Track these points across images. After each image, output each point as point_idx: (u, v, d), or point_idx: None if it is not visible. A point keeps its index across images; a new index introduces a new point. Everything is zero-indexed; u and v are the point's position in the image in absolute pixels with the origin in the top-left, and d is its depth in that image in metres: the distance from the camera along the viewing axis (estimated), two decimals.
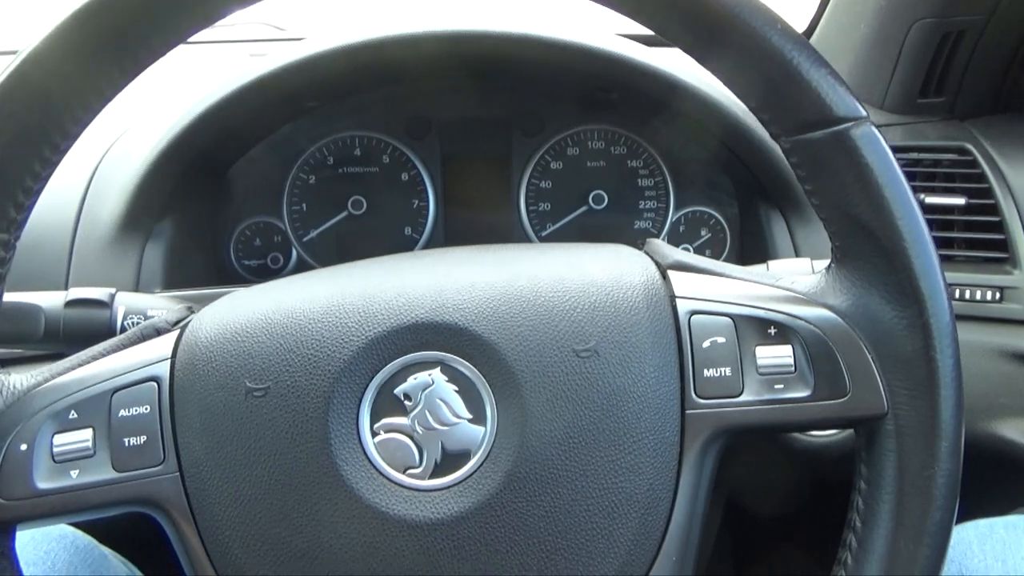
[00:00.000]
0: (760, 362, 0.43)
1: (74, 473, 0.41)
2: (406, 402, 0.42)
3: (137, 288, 0.69)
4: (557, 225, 0.83)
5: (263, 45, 1.07)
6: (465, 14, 0.72)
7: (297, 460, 0.41)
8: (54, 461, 0.41)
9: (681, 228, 0.83)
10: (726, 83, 0.42)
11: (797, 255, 0.73)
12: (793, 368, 0.42)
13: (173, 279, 0.72)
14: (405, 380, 0.42)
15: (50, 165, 0.41)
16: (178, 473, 0.42)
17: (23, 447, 0.41)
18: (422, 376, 0.42)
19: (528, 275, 0.45)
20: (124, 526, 0.55)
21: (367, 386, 0.42)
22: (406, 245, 0.83)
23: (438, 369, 0.42)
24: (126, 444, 0.42)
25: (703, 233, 0.83)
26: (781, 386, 0.42)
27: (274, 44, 1.08)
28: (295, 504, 0.41)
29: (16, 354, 0.60)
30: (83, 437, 0.42)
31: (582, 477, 0.41)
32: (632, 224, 0.83)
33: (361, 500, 0.40)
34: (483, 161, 0.84)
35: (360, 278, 0.46)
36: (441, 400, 0.42)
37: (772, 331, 0.43)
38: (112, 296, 0.54)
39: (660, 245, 0.50)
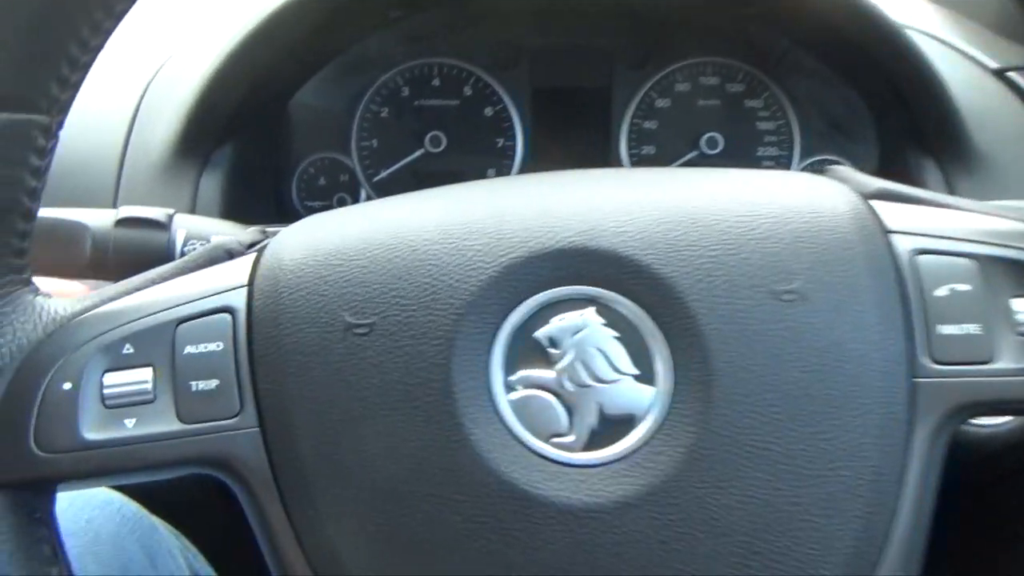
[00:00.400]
0: (1020, 319, 0.32)
1: (129, 422, 0.32)
2: (551, 350, 0.32)
3: None
4: (651, 167, 0.73)
5: None
6: None
7: (411, 419, 0.32)
8: (105, 406, 0.32)
9: None
10: None
11: None
12: None
13: (231, 215, 0.63)
14: (548, 322, 0.33)
15: (101, 33, 0.32)
16: (258, 428, 0.33)
17: (66, 386, 0.32)
18: (572, 317, 0.33)
19: (705, 195, 0.35)
20: (175, 489, 0.46)
21: (500, 326, 0.32)
22: None
23: (592, 309, 0.33)
24: (193, 388, 0.33)
25: None
26: None
27: None
28: (407, 473, 0.32)
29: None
30: (141, 377, 0.33)
31: (787, 458, 0.31)
32: None
33: (494, 473, 0.31)
34: (579, 96, 0.73)
35: (486, 195, 0.36)
36: (597, 349, 0.32)
37: None
38: (170, 217, 0.45)
39: (850, 172, 0.40)
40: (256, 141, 0.69)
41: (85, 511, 0.44)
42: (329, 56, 0.69)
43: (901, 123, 0.65)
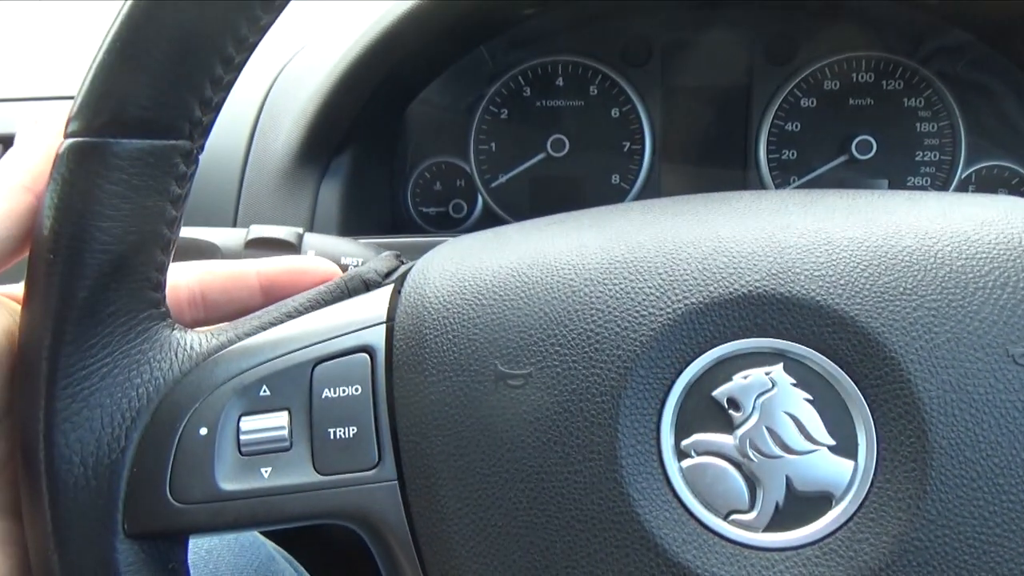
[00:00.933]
0: None
1: (265, 471, 0.30)
2: (732, 412, 0.28)
3: (312, 230, 0.59)
4: (805, 179, 0.67)
5: None
6: None
7: (570, 484, 0.28)
8: (240, 453, 0.30)
9: (971, 189, 0.64)
10: None
11: None
12: None
13: (349, 224, 0.61)
14: (730, 379, 0.28)
15: (246, 48, 0.30)
16: (397, 482, 0.30)
17: (203, 432, 0.30)
18: (756, 375, 0.28)
19: (914, 231, 0.30)
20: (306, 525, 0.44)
21: (673, 383, 0.28)
22: (614, 197, 0.69)
23: (781, 366, 0.28)
24: (331, 436, 0.31)
25: None
26: None
27: None
28: (563, 546, 0.28)
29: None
30: (277, 423, 0.31)
31: (1021, 559, 0.26)
32: (904, 182, 0.65)
33: (661, 552, 0.27)
34: (714, 95, 0.68)
35: (654, 224, 0.32)
36: (787, 414, 0.28)
37: None
38: (300, 237, 0.43)
39: None
40: (374, 147, 0.67)
41: (204, 541, 0.43)
42: (453, 58, 0.66)
43: None
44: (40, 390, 0.29)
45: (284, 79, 0.64)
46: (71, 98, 0.29)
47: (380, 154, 0.68)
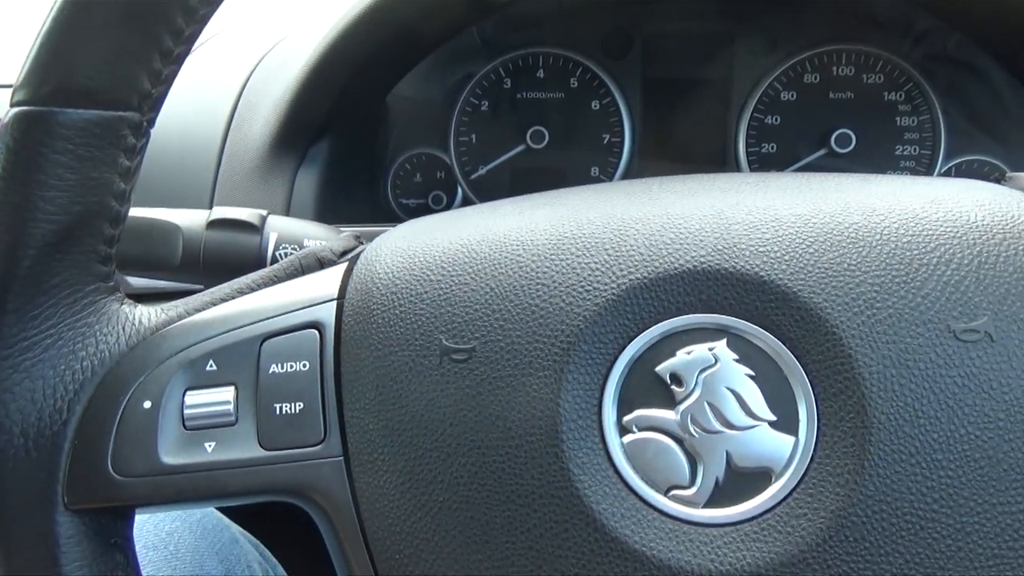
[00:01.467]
0: None
1: (209, 446, 0.30)
2: (674, 388, 0.28)
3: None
4: (787, 172, 0.66)
5: None
6: None
7: (511, 459, 0.28)
8: (184, 427, 0.30)
9: None
10: None
11: None
12: None
13: (326, 213, 0.61)
14: (673, 355, 0.28)
15: (196, 20, 0.30)
16: (342, 458, 0.30)
17: (147, 405, 0.30)
18: (699, 351, 0.28)
19: (866, 207, 0.29)
20: (263, 504, 0.44)
21: (616, 358, 0.28)
22: None
23: (723, 342, 0.28)
24: (277, 412, 0.30)
25: None
26: None
27: None
28: (505, 521, 0.28)
29: (145, 288, 0.50)
30: (223, 398, 0.31)
31: (959, 533, 0.25)
32: (885, 174, 0.65)
33: (601, 528, 0.27)
34: (694, 87, 0.68)
35: (601, 203, 0.32)
36: (728, 389, 0.28)
37: None
38: (263, 219, 0.43)
39: None
40: (353, 136, 0.67)
41: (166, 523, 0.43)
42: (431, 46, 0.66)
43: None
44: None
45: (263, 68, 0.64)
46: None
47: (359, 144, 0.68)
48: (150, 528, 0.41)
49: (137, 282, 0.35)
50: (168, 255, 0.41)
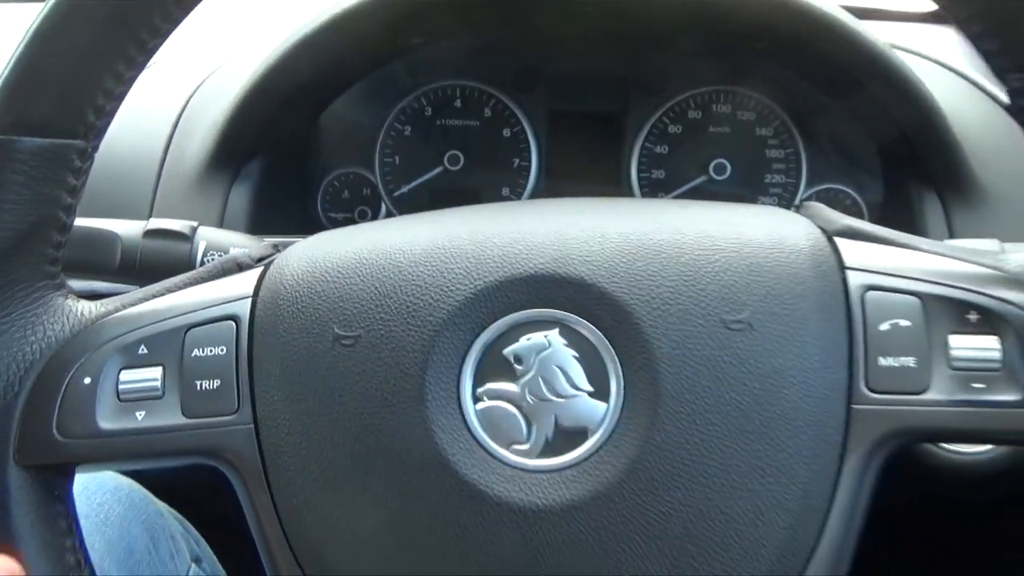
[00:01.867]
0: (954, 354, 0.34)
1: (140, 415, 0.37)
2: (516, 366, 0.35)
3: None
4: (671, 196, 0.75)
5: None
6: None
7: (387, 421, 0.35)
8: (119, 399, 0.37)
9: None
10: (947, 5, 0.34)
11: None
12: (999, 365, 0.34)
13: (258, 225, 0.68)
14: (517, 340, 0.36)
15: (135, 66, 0.36)
16: (252, 425, 0.37)
17: (87, 381, 0.37)
18: (537, 337, 0.36)
19: (670, 228, 0.38)
20: (180, 478, 0.50)
21: (472, 343, 0.36)
22: None
23: (556, 331, 0.36)
24: (198, 387, 0.37)
25: None
26: (982, 385, 0.34)
27: None
28: (381, 470, 0.35)
29: (88, 290, 0.57)
30: (152, 375, 0.37)
31: (722, 472, 0.33)
32: (756, 199, 0.75)
33: (457, 475, 0.34)
34: (593, 120, 0.76)
35: (469, 221, 0.40)
36: (558, 367, 0.35)
37: (972, 317, 0.35)
38: (194, 229, 0.49)
39: (822, 208, 0.42)
40: (285, 155, 0.73)
41: (97, 495, 0.48)
42: (358, 76, 0.73)
43: (904, 155, 0.67)
44: None
45: (201, 93, 0.70)
46: None
47: (290, 162, 0.75)
48: (84, 499, 0.47)
49: (77, 285, 0.41)
50: (108, 260, 0.48)
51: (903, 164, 0.68)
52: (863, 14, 0.67)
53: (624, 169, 0.76)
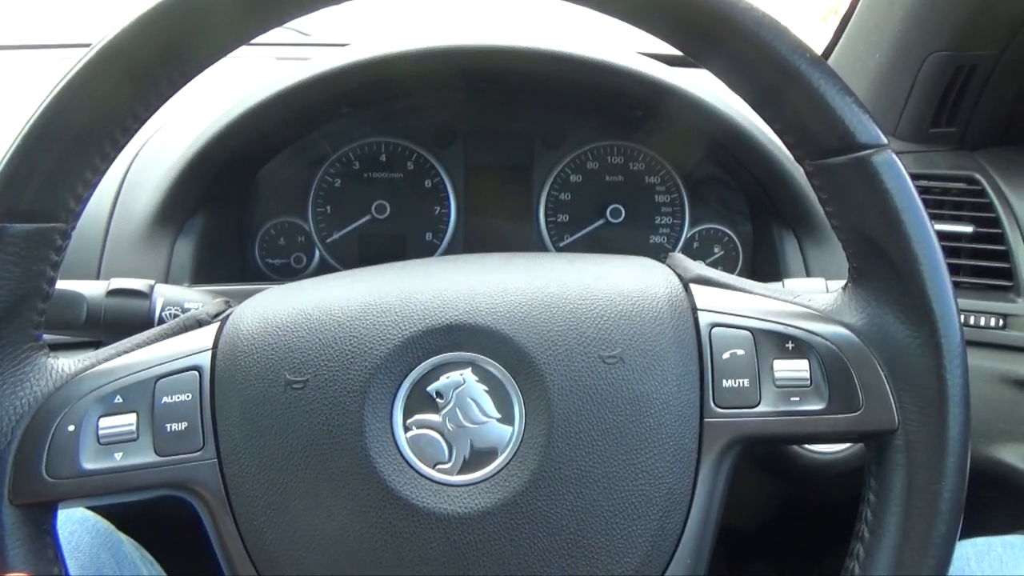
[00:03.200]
0: (777, 375, 0.45)
1: (118, 455, 0.43)
2: (438, 400, 0.44)
3: (167, 281, 0.71)
4: (575, 236, 0.85)
5: (289, 49, 1.09)
6: (493, 28, 0.75)
7: (332, 451, 0.43)
8: (99, 443, 0.43)
9: (695, 244, 0.85)
10: (753, 107, 0.44)
11: (808, 275, 0.75)
12: (809, 382, 0.44)
13: (201, 274, 0.74)
14: (438, 378, 0.44)
15: (108, 160, 0.43)
16: (216, 459, 0.44)
17: (70, 428, 0.43)
18: (454, 375, 0.44)
19: (558, 282, 0.47)
20: (140, 514, 0.57)
21: (401, 383, 0.44)
22: (426, 250, 0.85)
23: (469, 369, 0.44)
24: (168, 430, 0.44)
25: (716, 250, 0.85)
26: (797, 399, 0.44)
27: (301, 49, 1.11)
28: (328, 493, 0.43)
29: (58, 340, 0.62)
30: (127, 421, 0.44)
31: (604, 478, 0.42)
32: (648, 239, 0.85)
33: (392, 492, 0.42)
34: (505, 171, 0.86)
35: (396, 279, 0.48)
36: (472, 399, 0.44)
37: (790, 345, 0.45)
38: (151, 287, 0.56)
39: (682, 259, 0.52)
40: (225, 208, 0.80)
41: (67, 526, 0.54)
42: (292, 140, 0.81)
43: (764, 201, 0.79)
44: None
45: (144, 154, 0.76)
46: None
47: (229, 215, 0.81)
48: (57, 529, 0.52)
49: (49, 337, 0.47)
50: (75, 317, 0.54)
51: (765, 208, 0.80)
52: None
53: (533, 214, 0.85)
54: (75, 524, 0.55)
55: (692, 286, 0.48)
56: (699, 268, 0.50)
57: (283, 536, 0.43)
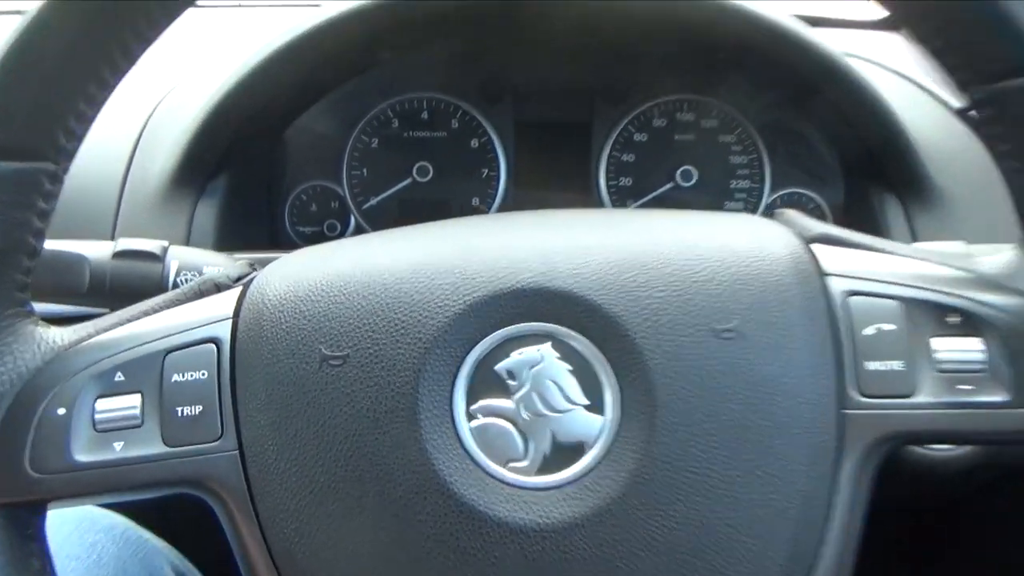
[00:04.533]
0: (938, 356, 0.35)
1: (118, 445, 0.35)
2: (509, 381, 0.35)
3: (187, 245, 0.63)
4: (640, 202, 0.76)
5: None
6: None
7: (379, 444, 0.34)
8: (95, 430, 0.35)
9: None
10: (904, 23, 0.35)
11: None
12: (984, 366, 0.35)
13: (225, 241, 0.66)
14: (508, 355, 0.35)
15: (106, 87, 0.35)
16: (237, 451, 0.36)
17: (60, 412, 0.35)
18: (529, 352, 0.35)
19: (653, 240, 0.38)
20: (170, 507, 0.49)
21: (463, 360, 0.35)
22: None
23: (548, 344, 0.36)
24: (179, 414, 0.36)
25: None
26: (969, 387, 0.35)
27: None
28: (374, 494, 0.34)
29: (56, 313, 0.54)
30: (130, 403, 0.36)
31: (723, 483, 0.34)
32: (722, 205, 0.76)
33: (453, 496, 0.34)
34: (560, 129, 0.77)
35: (455, 235, 0.39)
36: (552, 381, 0.35)
37: (954, 320, 0.36)
38: (165, 249, 0.48)
39: (797, 216, 0.43)
40: (251, 170, 0.72)
41: (89, 535, 0.46)
42: (323, 91, 0.72)
43: (863, 160, 0.69)
44: None
45: (160, 112, 0.69)
46: None
47: (257, 177, 0.73)
48: (75, 540, 0.44)
49: (45, 309, 0.40)
50: (76, 283, 0.46)
51: (863, 169, 0.70)
52: (816, 22, 0.69)
53: (592, 177, 0.76)
54: (99, 532, 0.47)
55: (814, 247, 0.39)
56: (821, 226, 0.41)
57: (317, 547, 0.35)
